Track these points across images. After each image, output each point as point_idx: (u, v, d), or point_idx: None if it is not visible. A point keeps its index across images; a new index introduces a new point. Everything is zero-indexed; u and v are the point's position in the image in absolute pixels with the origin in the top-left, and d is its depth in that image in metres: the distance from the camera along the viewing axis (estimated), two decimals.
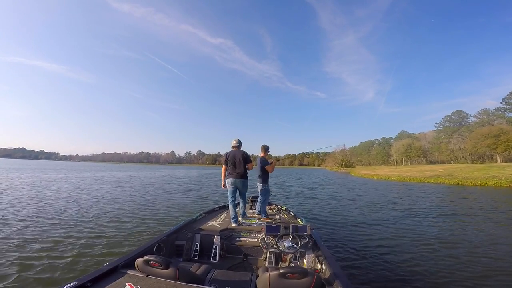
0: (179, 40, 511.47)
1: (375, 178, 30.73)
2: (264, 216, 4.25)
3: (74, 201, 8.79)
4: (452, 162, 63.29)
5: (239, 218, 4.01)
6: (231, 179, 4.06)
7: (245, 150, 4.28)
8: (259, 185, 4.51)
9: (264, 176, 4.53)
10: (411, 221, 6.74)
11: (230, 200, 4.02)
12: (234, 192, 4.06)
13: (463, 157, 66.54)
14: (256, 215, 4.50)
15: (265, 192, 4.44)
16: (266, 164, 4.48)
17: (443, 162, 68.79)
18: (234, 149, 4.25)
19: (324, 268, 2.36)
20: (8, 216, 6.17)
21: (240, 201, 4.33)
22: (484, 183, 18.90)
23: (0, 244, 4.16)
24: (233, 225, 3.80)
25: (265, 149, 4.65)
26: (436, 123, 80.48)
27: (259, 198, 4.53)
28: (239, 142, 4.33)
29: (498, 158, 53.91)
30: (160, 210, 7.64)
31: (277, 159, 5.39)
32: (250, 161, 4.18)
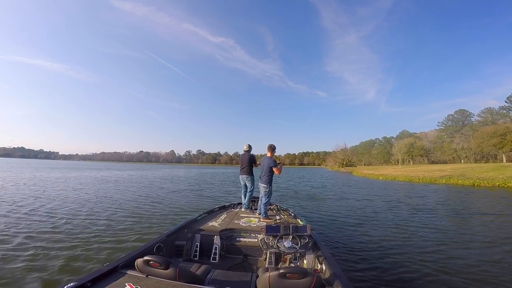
0: (180, 39, 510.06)
1: (380, 178, 29.61)
2: (264, 217, 4.24)
3: (73, 200, 8.84)
4: (462, 161, 62.22)
5: (242, 214, 4.57)
6: (240, 175, 5.13)
7: (252, 153, 5.21)
8: (263, 186, 4.44)
9: (269, 177, 4.47)
10: (419, 222, 6.54)
11: (242, 191, 5.19)
12: (245, 186, 5.12)
13: (466, 156, 66.00)
14: (256, 215, 4.49)
15: (269, 193, 4.42)
16: (274, 165, 4.40)
17: (445, 162, 68.25)
18: (246, 152, 5.13)
19: (324, 268, 2.36)
20: (12, 216, 6.23)
21: (247, 196, 5.02)
22: (503, 184, 17.66)
23: (3, 243, 4.21)
24: (243, 210, 4.87)
25: (272, 148, 4.60)
26: (438, 122, 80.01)
27: (261, 199, 4.49)
28: (249, 147, 5.19)
29: (503, 157, 53.00)
30: (160, 210, 7.66)
31: (283, 162, 5.34)
32: (255, 162, 5.04)
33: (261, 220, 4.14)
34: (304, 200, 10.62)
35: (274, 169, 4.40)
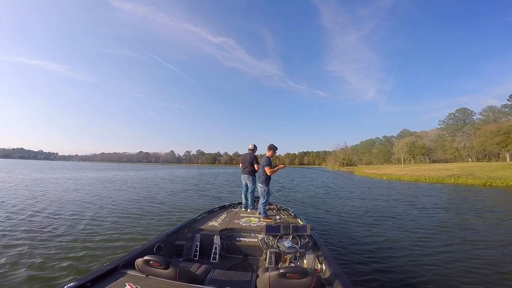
0: (180, 39, 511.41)
1: (384, 178, 28.48)
2: (264, 217, 4.24)
3: (73, 201, 8.86)
4: (470, 160, 61.35)
5: (242, 214, 4.58)
6: (241, 175, 5.11)
7: (255, 154, 5.16)
8: (260, 186, 4.48)
9: (265, 177, 4.47)
10: (423, 223, 6.39)
11: (243, 190, 5.15)
12: (246, 186, 5.08)
13: (468, 155, 65.65)
14: (256, 215, 4.49)
15: (266, 193, 4.43)
16: (265, 164, 4.40)
17: (446, 161, 67.92)
18: (250, 151, 5.12)
19: (324, 268, 2.36)
20: (14, 217, 6.26)
21: (249, 196, 4.97)
22: None
23: (5, 242, 4.23)
24: (243, 209, 4.91)
25: (270, 148, 4.59)
26: (439, 120, 79.62)
27: (259, 199, 4.52)
28: (254, 147, 5.19)
29: (507, 156, 52.20)
30: (159, 210, 7.67)
31: (284, 163, 5.23)
32: (257, 163, 4.94)
33: (261, 219, 4.14)
34: (307, 200, 10.58)
35: (265, 168, 4.39)
